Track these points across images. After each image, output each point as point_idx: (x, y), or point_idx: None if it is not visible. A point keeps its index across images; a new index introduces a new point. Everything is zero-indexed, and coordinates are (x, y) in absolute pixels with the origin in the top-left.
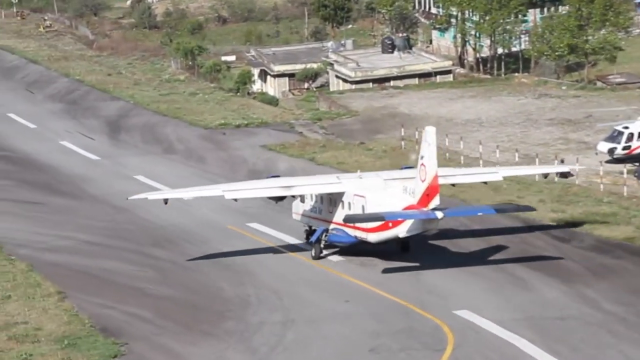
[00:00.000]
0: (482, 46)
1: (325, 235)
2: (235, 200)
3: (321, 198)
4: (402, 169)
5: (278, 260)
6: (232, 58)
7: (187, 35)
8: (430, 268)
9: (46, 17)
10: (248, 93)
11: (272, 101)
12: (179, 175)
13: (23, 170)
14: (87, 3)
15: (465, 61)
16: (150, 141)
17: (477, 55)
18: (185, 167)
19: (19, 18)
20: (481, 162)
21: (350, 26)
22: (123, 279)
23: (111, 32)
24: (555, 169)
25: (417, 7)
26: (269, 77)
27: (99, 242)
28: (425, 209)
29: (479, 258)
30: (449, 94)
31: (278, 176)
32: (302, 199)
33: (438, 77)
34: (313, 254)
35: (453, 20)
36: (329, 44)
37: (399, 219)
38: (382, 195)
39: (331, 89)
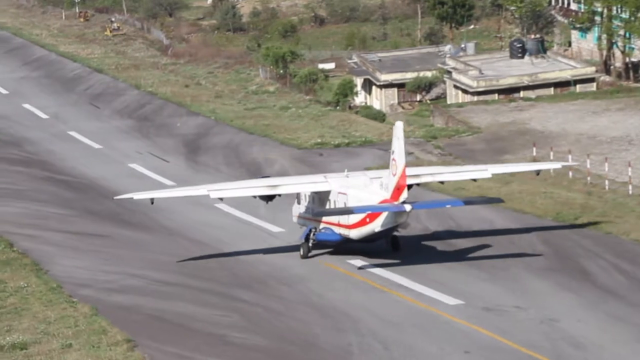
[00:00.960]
0: (633, 49)
1: (314, 234)
2: (221, 199)
3: (312, 198)
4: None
5: (383, 302)
6: (331, 65)
7: (278, 39)
8: (567, 313)
9: (113, 19)
10: (349, 107)
11: (378, 116)
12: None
13: (86, 197)
14: (161, 2)
15: (612, 67)
16: (234, 164)
17: (627, 60)
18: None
19: (81, 20)
20: (630, 187)
21: (472, 27)
22: (202, 325)
23: (189, 35)
24: (547, 165)
25: (553, 3)
26: (374, 87)
27: (174, 282)
28: (396, 203)
29: (619, 296)
30: (592, 106)
31: (268, 177)
32: (299, 200)
33: (578, 86)
34: (301, 253)
35: (597, 19)
36: (447, 48)
37: (369, 212)
38: (363, 192)
39: (448, 102)
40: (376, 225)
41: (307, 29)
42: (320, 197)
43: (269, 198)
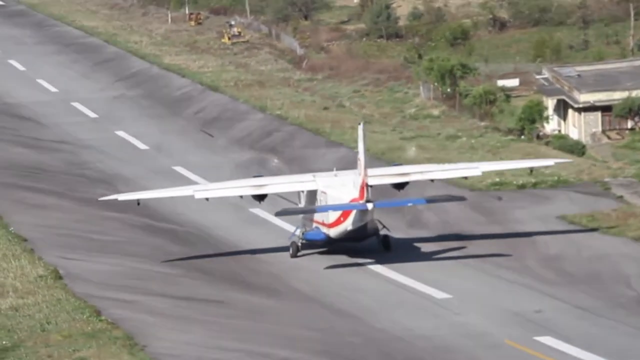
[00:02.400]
0: None
1: (302, 234)
2: (207, 199)
3: (305, 198)
4: (392, 165)
5: None
6: (514, 82)
7: (445, 48)
8: None
9: (232, 22)
10: (538, 136)
11: (576, 148)
12: (433, 264)
13: (196, 252)
14: (294, 0)
15: None
16: (387, 210)
17: None
18: (440, 249)
19: (192, 23)
20: None
21: None
22: None
23: (330, 43)
24: (540, 162)
25: None
26: (570, 111)
27: None
28: (361, 202)
29: None
30: None
31: (262, 176)
32: (299, 200)
33: None
34: (291, 252)
35: None
36: None
37: (336, 211)
38: (339, 191)
39: None
40: (348, 224)
41: (483, 35)
42: (309, 197)
43: (259, 198)
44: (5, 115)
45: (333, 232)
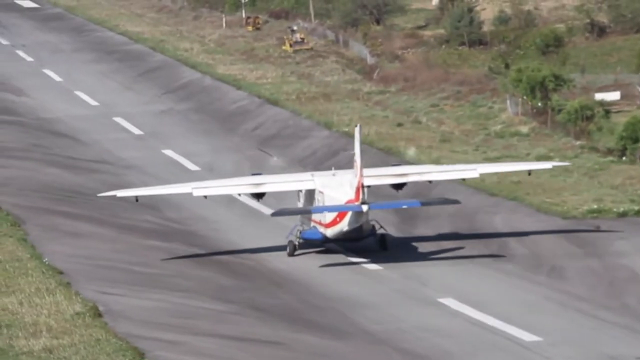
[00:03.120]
0: None
1: (299, 232)
2: (205, 197)
3: (305, 198)
4: (392, 166)
5: None
6: (615, 96)
7: (536, 57)
8: None
9: (295, 27)
10: None
11: None
12: (519, 300)
13: (252, 286)
14: (365, 3)
15: None
16: (468, 239)
17: None
18: (529, 285)
19: (249, 28)
20: None
21: None
22: None
23: (404, 51)
24: (538, 165)
25: None
26: None
27: None
28: (356, 203)
29: None
30: None
31: (260, 174)
32: (299, 199)
33: None
34: (288, 251)
35: None
36: None
37: (332, 212)
38: (336, 191)
39: None
40: (344, 225)
41: (580, 41)
42: (308, 196)
43: (257, 196)
44: (38, 132)
45: (329, 232)
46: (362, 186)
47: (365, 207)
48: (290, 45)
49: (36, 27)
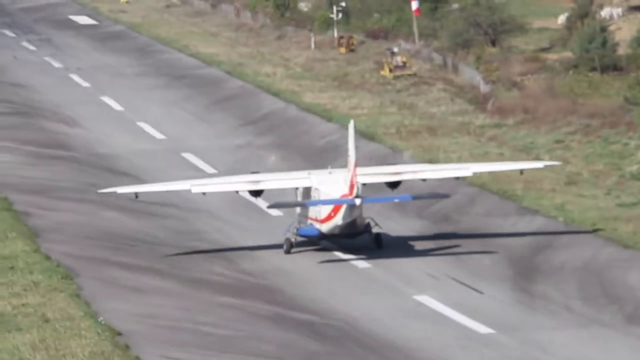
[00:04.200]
0: None
1: (296, 229)
2: (204, 194)
3: (302, 195)
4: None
5: None
6: None
7: None
8: None
9: (396, 49)
10: None
11: None
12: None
13: (343, 352)
14: (478, 21)
15: None
16: (597, 299)
17: None
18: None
19: (342, 50)
20: None
21: None
22: None
23: (525, 78)
24: (530, 164)
25: None
26: None
27: None
28: (350, 197)
29: None
30: None
31: (259, 172)
32: (297, 197)
33: None
34: (285, 248)
35: None
36: None
37: (329, 206)
38: (331, 187)
39: None
40: (338, 219)
41: None
42: (305, 193)
43: (255, 193)
44: (95, 169)
45: (325, 228)
46: (356, 181)
47: (358, 201)
48: (390, 70)
49: (94, 47)
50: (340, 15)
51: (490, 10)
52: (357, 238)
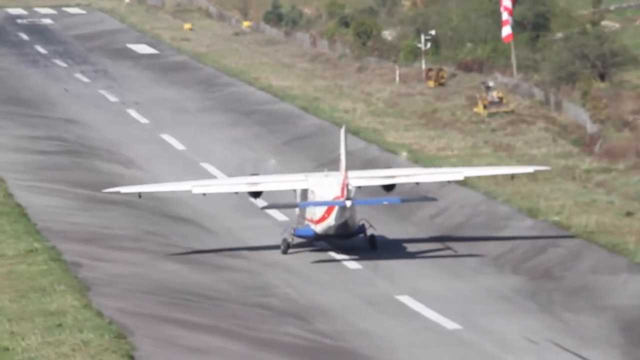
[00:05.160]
0: None
1: (293, 230)
2: (204, 195)
3: (300, 197)
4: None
5: None
6: None
7: None
8: None
9: (491, 83)
10: None
11: None
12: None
13: None
14: (585, 52)
15: None
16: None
17: None
18: None
19: (430, 83)
20: None
21: None
22: None
23: (638, 117)
24: (520, 169)
25: None
26: None
27: None
28: (341, 199)
29: None
30: None
31: (257, 174)
32: (296, 200)
33: None
34: (282, 249)
35: None
36: None
37: (322, 207)
38: (325, 189)
39: None
40: (331, 220)
41: None
42: (302, 195)
43: (254, 195)
44: (153, 215)
45: (319, 228)
46: (347, 184)
47: (348, 203)
48: (485, 107)
49: (153, 79)
50: (428, 44)
51: (598, 39)
52: (350, 238)
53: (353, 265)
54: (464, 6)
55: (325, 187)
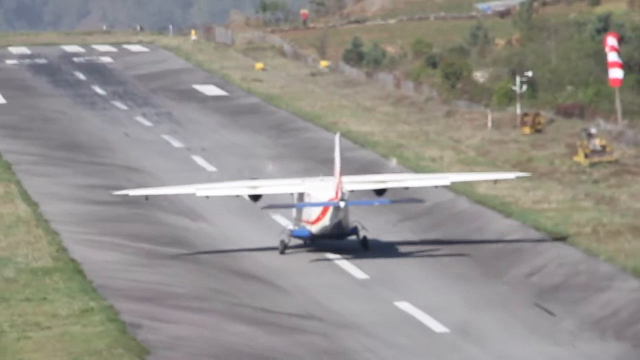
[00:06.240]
0: None
1: (290, 231)
2: (207, 197)
3: (297, 200)
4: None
5: None
6: None
7: None
8: None
9: (593, 130)
10: None
11: None
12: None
13: None
14: None
15: None
16: None
17: None
18: None
19: (526, 130)
20: None
21: None
22: None
23: None
24: (503, 175)
25: None
26: None
27: None
28: (335, 200)
29: None
30: None
31: (257, 179)
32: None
33: None
34: (279, 250)
35: None
36: None
37: (318, 208)
38: (321, 192)
39: None
40: (326, 220)
41: None
42: (299, 198)
43: (254, 198)
44: (220, 273)
45: (314, 229)
46: (341, 187)
47: (342, 203)
48: (586, 156)
49: (222, 123)
50: (524, 87)
51: None
52: (344, 239)
53: (439, 327)
54: (564, 45)
55: (321, 190)
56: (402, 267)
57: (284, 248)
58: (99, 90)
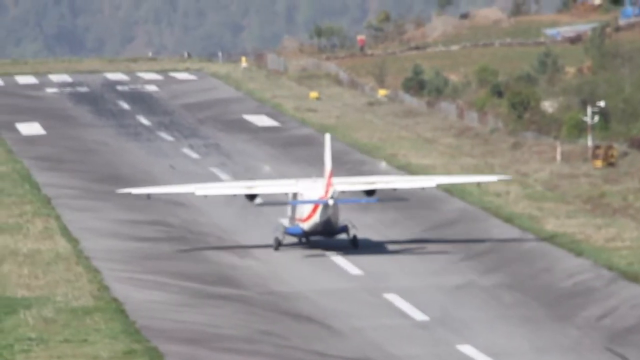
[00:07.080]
0: None
1: (284, 228)
2: (205, 196)
3: (292, 199)
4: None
5: None
6: None
7: None
8: None
9: None
10: None
11: None
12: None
13: None
14: None
15: None
16: None
17: None
18: None
19: (599, 164)
20: None
21: None
22: None
23: None
24: (485, 178)
25: None
26: None
27: None
28: (325, 198)
29: None
30: None
31: (254, 180)
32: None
33: None
34: (274, 246)
35: None
36: None
37: (309, 205)
38: (312, 191)
39: None
40: (317, 217)
41: None
42: (293, 197)
43: (251, 197)
44: (270, 313)
45: (306, 226)
46: (331, 186)
47: (331, 201)
48: None
49: (273, 155)
50: (596, 118)
51: None
52: (334, 237)
53: None
54: (639, 73)
55: (313, 190)
56: (463, 308)
57: (277, 245)
58: (143, 120)
